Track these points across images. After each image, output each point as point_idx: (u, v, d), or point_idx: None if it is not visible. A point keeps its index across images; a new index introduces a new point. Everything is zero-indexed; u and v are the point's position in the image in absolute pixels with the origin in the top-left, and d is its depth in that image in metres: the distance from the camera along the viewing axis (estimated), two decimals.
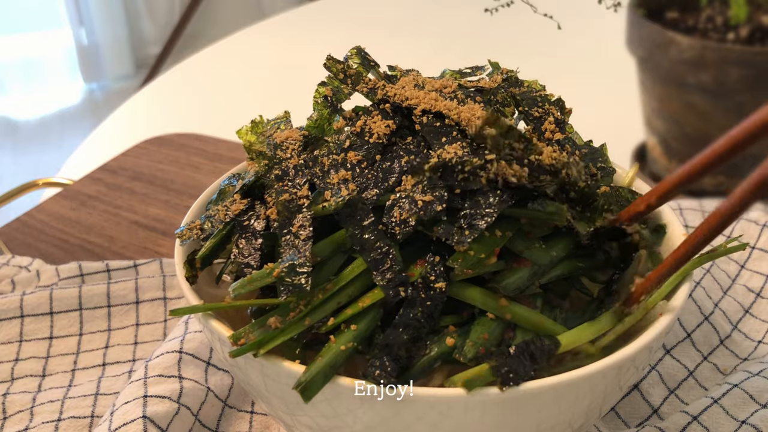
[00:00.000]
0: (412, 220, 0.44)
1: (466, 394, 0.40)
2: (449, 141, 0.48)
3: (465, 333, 0.44)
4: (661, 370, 0.65)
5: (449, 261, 0.44)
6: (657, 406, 0.63)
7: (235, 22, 2.64)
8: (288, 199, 0.48)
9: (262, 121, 0.56)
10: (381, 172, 0.48)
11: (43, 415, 0.63)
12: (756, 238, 0.76)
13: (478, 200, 0.45)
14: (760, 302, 0.72)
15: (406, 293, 0.43)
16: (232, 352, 0.43)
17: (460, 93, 0.53)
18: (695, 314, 0.69)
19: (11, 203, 0.97)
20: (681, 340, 0.68)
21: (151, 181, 1.02)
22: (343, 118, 0.53)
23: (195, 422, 0.60)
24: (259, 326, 0.44)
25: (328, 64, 0.54)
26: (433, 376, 0.45)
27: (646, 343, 0.44)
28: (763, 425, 0.57)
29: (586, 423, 0.48)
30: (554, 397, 0.42)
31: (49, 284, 0.76)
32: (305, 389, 0.41)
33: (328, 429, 0.46)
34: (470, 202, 0.45)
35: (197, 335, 0.65)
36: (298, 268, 0.43)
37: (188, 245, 0.53)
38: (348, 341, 0.43)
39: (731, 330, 0.70)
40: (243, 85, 1.77)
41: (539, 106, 0.54)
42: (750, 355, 0.68)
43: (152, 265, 0.78)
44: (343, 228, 0.46)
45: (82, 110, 3.41)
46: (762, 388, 0.60)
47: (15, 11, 3.51)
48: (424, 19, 2.09)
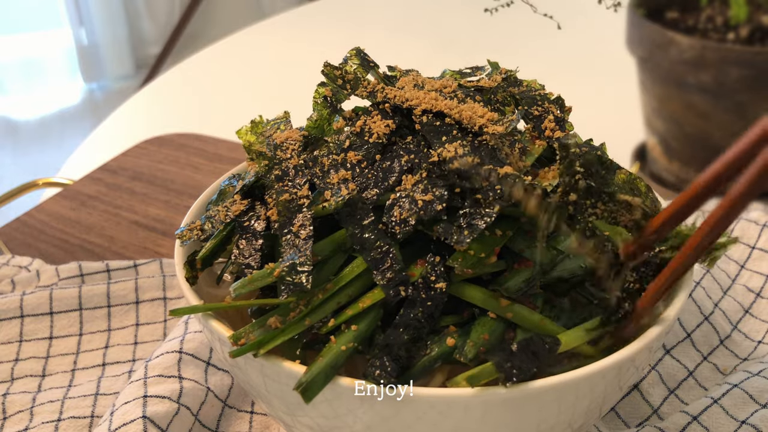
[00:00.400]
0: (412, 219, 0.44)
1: (467, 394, 0.41)
2: (450, 140, 0.48)
3: (465, 333, 0.44)
4: (661, 370, 0.65)
5: (449, 260, 0.44)
6: (657, 406, 0.63)
7: (235, 22, 2.64)
8: (288, 199, 0.48)
9: (262, 122, 0.56)
10: (381, 172, 0.48)
11: (43, 415, 0.63)
12: (756, 238, 0.76)
13: (478, 199, 0.45)
14: (760, 302, 0.72)
15: (407, 293, 0.43)
16: (232, 352, 0.43)
17: (460, 93, 0.53)
18: (695, 314, 0.69)
19: (11, 203, 0.97)
20: (681, 340, 0.68)
21: (151, 181, 1.02)
22: (343, 118, 0.53)
23: (195, 422, 0.60)
24: (259, 326, 0.44)
25: (325, 70, 0.54)
26: (433, 375, 0.45)
27: (646, 343, 0.44)
28: (763, 425, 0.57)
29: (586, 423, 0.48)
30: (554, 397, 0.42)
31: (49, 284, 0.76)
32: (306, 390, 0.41)
33: (328, 429, 0.46)
34: (470, 200, 0.45)
35: (197, 335, 0.65)
36: (299, 266, 0.43)
37: (188, 246, 0.53)
38: (348, 341, 0.43)
39: (731, 330, 0.70)
40: (243, 85, 1.77)
41: (539, 105, 0.54)
42: (750, 355, 0.68)
43: (152, 265, 0.78)
44: (343, 228, 0.46)
45: (82, 110, 3.41)
46: (762, 388, 0.60)
47: (15, 11, 3.51)
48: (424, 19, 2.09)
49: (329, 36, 1.94)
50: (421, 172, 0.47)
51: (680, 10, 1.13)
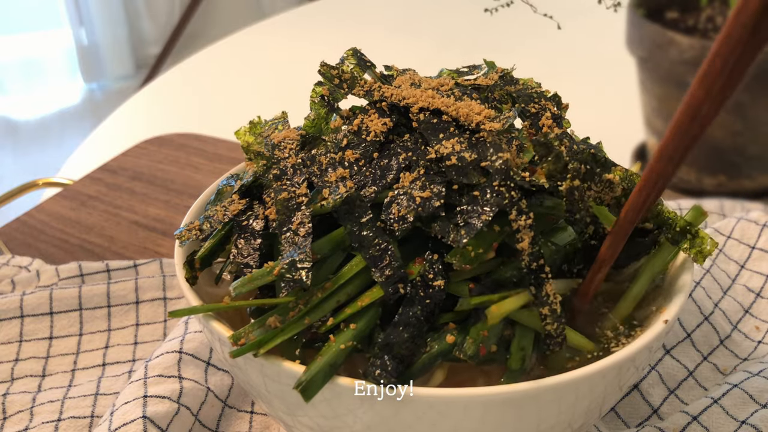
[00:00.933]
0: (410, 216, 0.44)
1: (466, 394, 0.41)
2: (447, 137, 0.48)
3: (465, 330, 0.44)
4: (661, 370, 0.65)
5: (447, 257, 0.44)
6: (657, 406, 0.63)
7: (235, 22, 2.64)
8: (287, 197, 0.48)
9: (260, 122, 0.57)
10: (379, 170, 0.48)
11: (43, 415, 0.63)
12: (756, 238, 0.76)
13: (475, 196, 0.45)
14: (760, 302, 0.72)
15: (405, 290, 0.43)
16: (232, 352, 0.43)
17: (457, 91, 0.53)
18: (695, 314, 0.69)
19: (11, 203, 0.97)
20: (681, 340, 0.68)
21: (151, 181, 1.02)
22: (340, 117, 0.53)
23: (195, 422, 0.60)
24: (258, 326, 0.44)
25: (322, 70, 0.55)
26: (433, 373, 0.45)
27: (645, 343, 0.44)
28: (763, 425, 0.57)
29: (586, 423, 0.48)
30: (554, 397, 0.42)
31: (49, 284, 0.76)
32: (305, 389, 0.41)
33: (328, 429, 0.46)
34: (468, 197, 0.45)
35: (197, 335, 0.65)
36: (299, 263, 0.44)
37: (188, 246, 0.53)
38: (347, 340, 0.43)
39: (731, 330, 0.70)
40: (243, 85, 1.77)
41: (536, 102, 0.54)
42: (750, 355, 0.68)
43: (152, 265, 0.78)
44: (342, 226, 0.46)
45: (82, 110, 3.41)
46: (762, 388, 0.60)
47: (15, 11, 3.51)
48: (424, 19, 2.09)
49: (329, 36, 1.94)
50: (419, 170, 0.47)
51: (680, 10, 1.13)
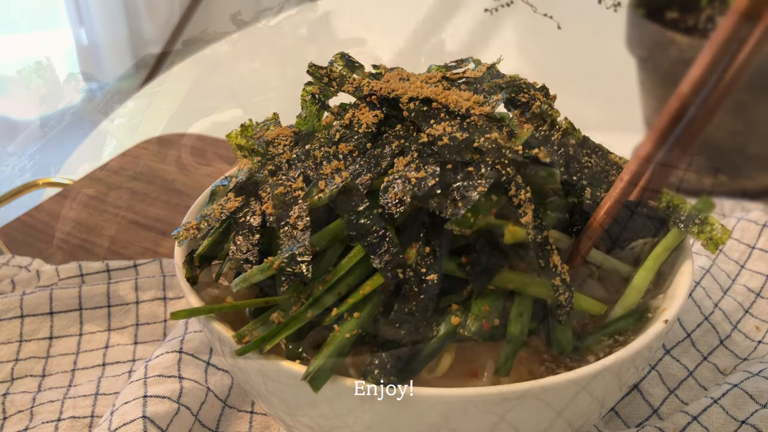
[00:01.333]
0: (407, 197, 0.45)
1: (466, 394, 0.41)
2: (438, 122, 0.48)
3: (468, 309, 0.44)
4: (661, 370, 0.65)
5: (447, 225, 0.44)
6: (657, 406, 0.63)
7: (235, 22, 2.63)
8: (283, 192, 0.48)
9: (252, 125, 0.57)
10: (373, 158, 0.48)
11: (43, 415, 0.63)
12: (756, 238, 0.76)
13: (470, 172, 0.45)
14: (760, 302, 0.72)
15: (405, 275, 0.44)
16: (237, 351, 0.43)
17: (446, 82, 0.54)
18: (695, 314, 0.69)
19: (11, 203, 0.97)
20: (681, 340, 0.68)
21: (151, 181, 1.02)
22: (331, 113, 0.54)
23: (195, 422, 0.60)
24: (262, 323, 0.44)
25: (311, 70, 0.55)
26: (441, 356, 0.45)
27: (645, 343, 0.44)
28: (763, 425, 0.57)
29: (585, 423, 0.48)
30: (554, 396, 0.42)
31: (49, 284, 0.76)
32: (314, 379, 0.41)
33: (328, 429, 0.46)
34: (463, 174, 0.45)
35: (197, 335, 0.65)
36: (299, 257, 0.44)
37: (188, 246, 0.53)
38: (352, 329, 0.43)
39: (731, 330, 0.70)
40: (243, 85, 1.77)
41: (525, 92, 0.54)
42: (750, 355, 0.68)
43: (152, 265, 0.78)
44: (339, 216, 0.46)
45: (82, 110, 3.41)
46: (762, 388, 0.60)
47: (15, 11, 3.51)
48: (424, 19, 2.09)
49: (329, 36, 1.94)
50: (412, 153, 0.47)
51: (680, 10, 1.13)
